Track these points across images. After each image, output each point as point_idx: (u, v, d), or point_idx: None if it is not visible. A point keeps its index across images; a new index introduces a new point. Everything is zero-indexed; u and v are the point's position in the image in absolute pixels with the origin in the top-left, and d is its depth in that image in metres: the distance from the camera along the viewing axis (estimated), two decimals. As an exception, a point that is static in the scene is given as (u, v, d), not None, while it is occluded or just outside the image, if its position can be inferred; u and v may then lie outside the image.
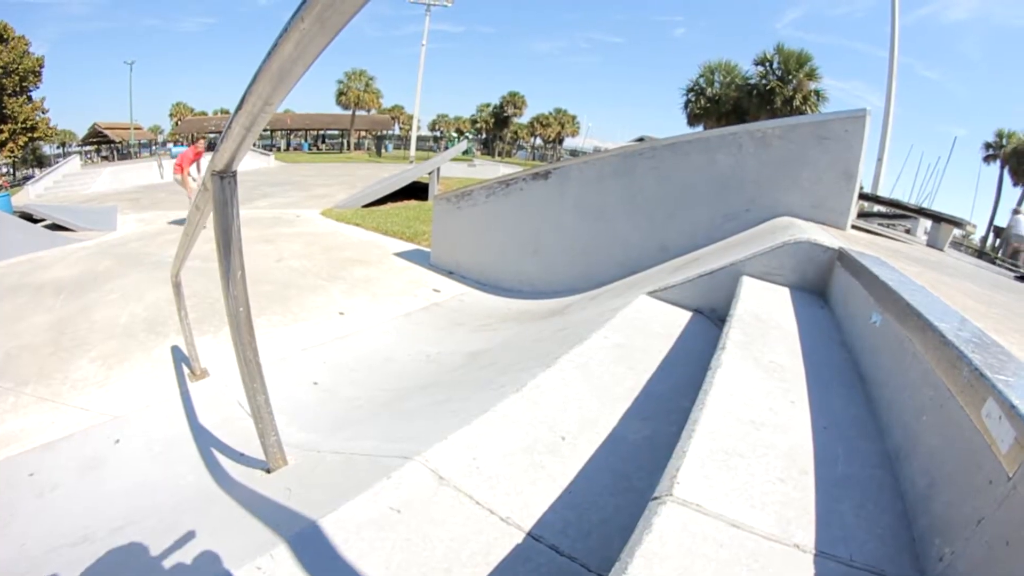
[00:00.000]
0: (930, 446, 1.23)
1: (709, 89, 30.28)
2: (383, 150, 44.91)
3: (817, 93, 27.14)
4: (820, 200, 4.18)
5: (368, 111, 49.01)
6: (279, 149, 44.25)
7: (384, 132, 49.90)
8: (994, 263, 10.29)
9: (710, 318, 2.93)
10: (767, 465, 1.23)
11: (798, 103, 26.54)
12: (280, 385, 2.79)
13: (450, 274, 6.02)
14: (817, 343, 2.05)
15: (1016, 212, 10.82)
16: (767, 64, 27.70)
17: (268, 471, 2.05)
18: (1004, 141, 32.94)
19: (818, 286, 2.80)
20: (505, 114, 56.90)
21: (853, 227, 4.82)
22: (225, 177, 1.71)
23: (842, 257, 2.61)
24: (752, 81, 28.18)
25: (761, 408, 1.45)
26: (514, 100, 56.55)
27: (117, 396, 3.18)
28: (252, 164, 25.36)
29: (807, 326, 2.22)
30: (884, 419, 1.50)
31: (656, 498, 1.08)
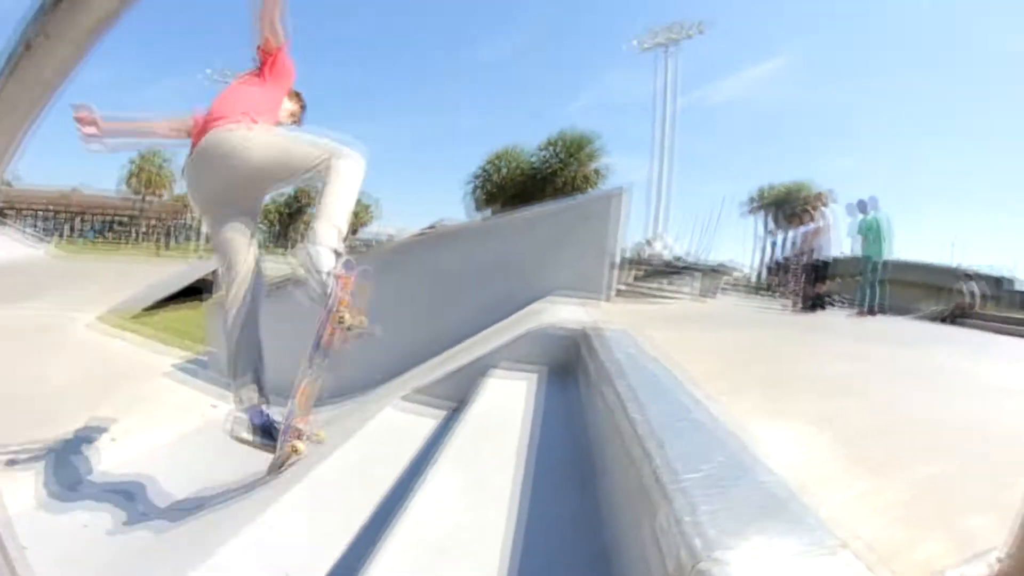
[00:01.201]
0: (630, 551, 1.17)
1: (496, 175, 32.51)
2: (172, 241, 40.95)
3: (597, 172, 30.54)
4: (583, 277, 4.40)
5: (160, 196, 44.82)
6: (60, 235, 38.24)
7: (177, 220, 45.82)
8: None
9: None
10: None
11: (579, 182, 29.52)
12: None
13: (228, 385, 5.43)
14: (551, 433, 2.00)
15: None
16: (552, 148, 30.76)
17: None
18: (765, 194, 40.09)
19: (565, 368, 2.82)
20: (300, 204, 55.64)
21: (629, 290, 5.19)
22: None
23: (585, 337, 2.69)
24: (536, 165, 30.94)
25: (462, 522, 1.33)
26: (306, 189, 55.61)
27: None
28: (14, 254, 20.76)
29: (548, 415, 2.19)
30: (604, 514, 1.45)
31: None
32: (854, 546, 0.78)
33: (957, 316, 16.76)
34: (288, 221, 55.19)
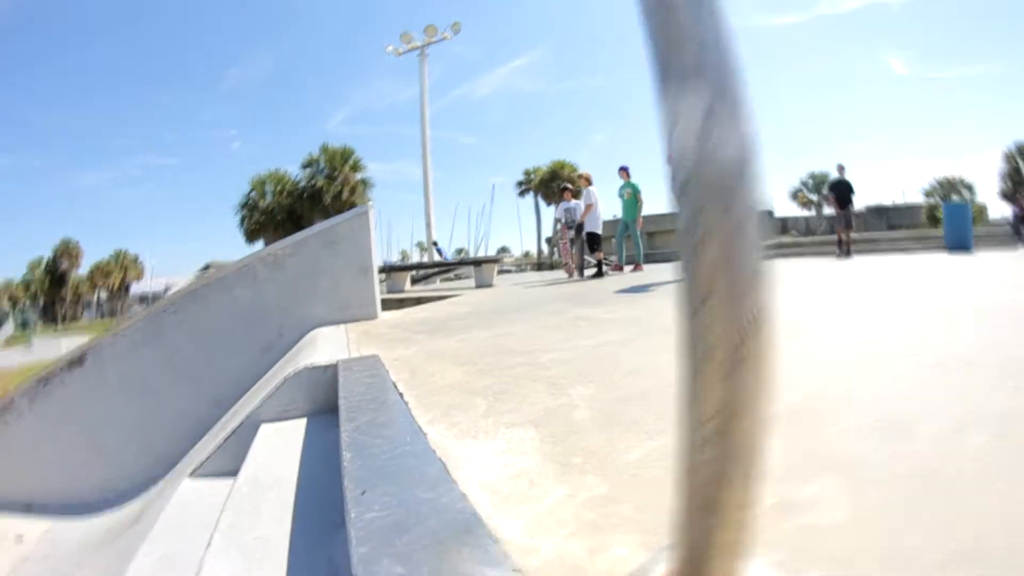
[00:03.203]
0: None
1: (262, 201, 30.53)
2: None
3: (364, 182, 30.09)
4: (345, 301, 4.29)
5: None
6: None
7: None
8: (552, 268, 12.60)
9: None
10: None
11: (347, 196, 28.84)
12: None
13: (28, 508, 4.67)
14: (319, 485, 1.90)
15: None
16: (314, 165, 29.57)
17: None
18: (532, 176, 42.43)
19: (330, 407, 2.73)
20: (61, 269, 47.64)
21: (407, 297, 5.13)
22: None
23: (335, 373, 2.59)
24: (302, 184, 29.59)
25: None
26: (69, 250, 48.01)
27: None
28: None
29: (314, 464, 2.08)
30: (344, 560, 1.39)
31: None
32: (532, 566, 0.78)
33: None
34: (51, 292, 46.82)
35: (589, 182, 9.90)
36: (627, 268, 10.23)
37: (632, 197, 10.17)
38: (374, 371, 2.28)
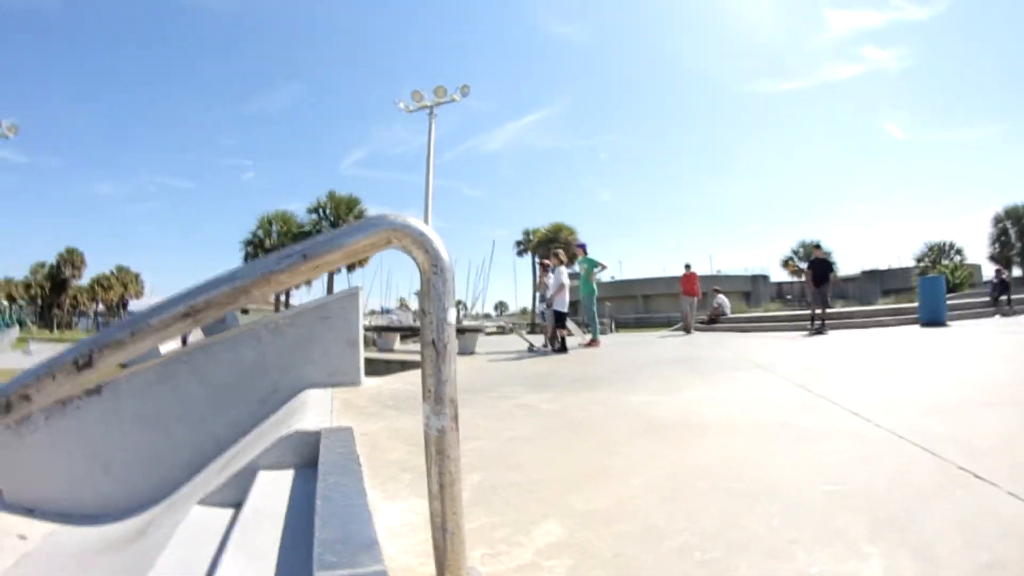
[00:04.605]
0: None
1: (268, 240, 31.77)
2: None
3: (367, 233, 31.29)
4: (334, 368, 5.23)
5: None
6: None
7: None
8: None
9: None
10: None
11: (349, 244, 29.95)
12: None
13: (31, 512, 5.23)
14: (301, 516, 2.81)
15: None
16: (320, 210, 30.94)
17: None
18: (531, 237, 43.91)
19: (311, 462, 3.65)
20: (63, 276, 48.55)
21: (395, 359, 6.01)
22: None
23: (318, 439, 3.52)
24: (306, 228, 30.88)
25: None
26: (72, 259, 49.03)
27: None
28: None
29: (298, 503, 2.99)
30: None
31: None
32: (391, 567, 1.73)
33: (713, 320, 20.59)
34: (51, 297, 47.44)
35: (561, 261, 10.95)
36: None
37: (585, 274, 11.28)
38: (345, 442, 3.21)
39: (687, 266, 18.03)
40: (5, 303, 44.99)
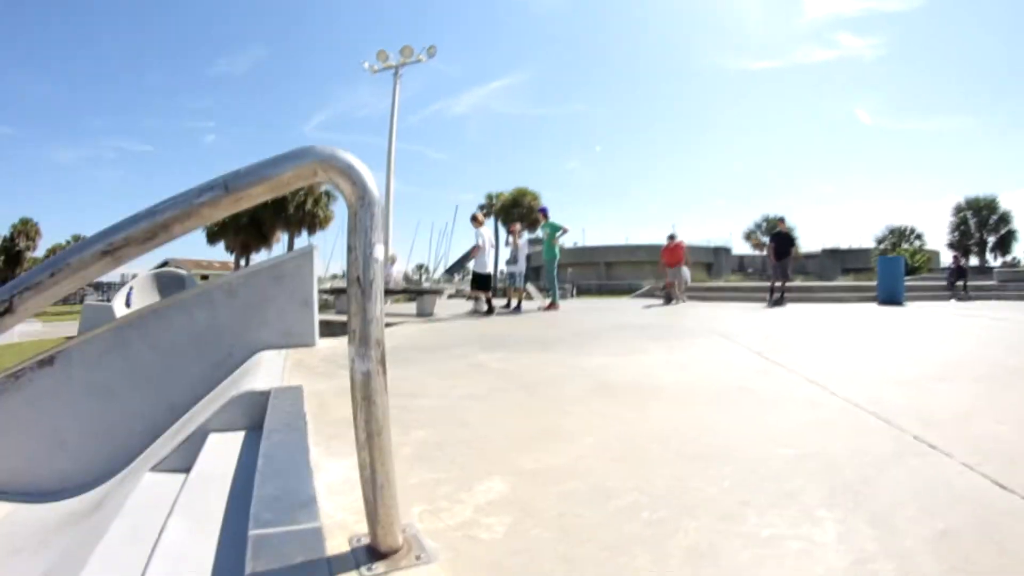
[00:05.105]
0: None
1: (232, 205, 30.62)
2: None
3: (327, 194, 30.75)
4: (288, 329, 5.16)
5: None
6: None
7: None
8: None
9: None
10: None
11: (309, 206, 29.46)
12: None
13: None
14: (247, 478, 2.80)
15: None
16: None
17: None
18: (495, 200, 43.47)
19: (263, 423, 3.62)
20: (17, 248, 46.39)
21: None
22: None
23: (272, 397, 3.50)
24: (271, 194, 29.93)
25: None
26: (27, 230, 46.44)
27: None
28: None
29: (246, 465, 2.98)
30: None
31: None
32: (326, 524, 1.73)
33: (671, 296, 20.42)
34: (4, 271, 45.54)
35: (480, 223, 10.87)
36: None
37: (548, 238, 11.27)
38: (294, 400, 3.19)
39: (671, 236, 16.19)
40: None
